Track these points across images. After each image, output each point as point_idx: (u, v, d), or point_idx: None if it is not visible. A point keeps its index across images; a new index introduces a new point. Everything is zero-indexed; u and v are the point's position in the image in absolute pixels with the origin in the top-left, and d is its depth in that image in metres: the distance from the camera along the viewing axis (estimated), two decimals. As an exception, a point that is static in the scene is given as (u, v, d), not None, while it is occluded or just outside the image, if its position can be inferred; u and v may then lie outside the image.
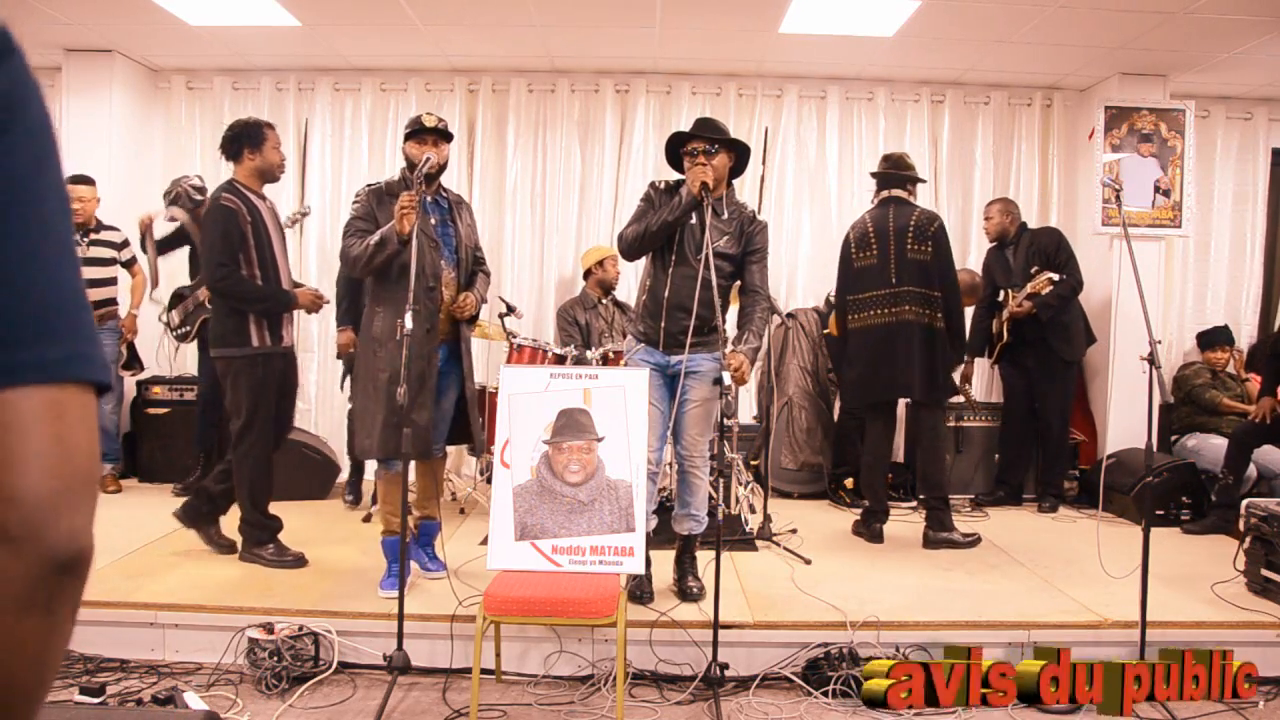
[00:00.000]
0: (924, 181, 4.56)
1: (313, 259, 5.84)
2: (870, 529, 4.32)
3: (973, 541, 4.20)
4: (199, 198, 4.77)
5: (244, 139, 3.70)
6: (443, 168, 3.41)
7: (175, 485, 5.02)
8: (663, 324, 3.32)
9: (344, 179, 5.81)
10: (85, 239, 4.91)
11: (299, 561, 3.70)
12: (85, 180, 4.92)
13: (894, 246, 4.14)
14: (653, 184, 3.46)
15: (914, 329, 4.12)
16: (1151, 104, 5.43)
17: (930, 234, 4.13)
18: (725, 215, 3.36)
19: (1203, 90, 5.76)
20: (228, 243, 3.56)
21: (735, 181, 3.57)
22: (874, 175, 4.37)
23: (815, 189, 5.92)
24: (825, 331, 5.22)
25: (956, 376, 4.59)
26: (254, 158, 3.71)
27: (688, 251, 3.30)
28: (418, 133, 3.38)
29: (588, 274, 5.26)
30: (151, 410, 5.26)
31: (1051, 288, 4.85)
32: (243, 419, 3.67)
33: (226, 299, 3.64)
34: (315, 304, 3.94)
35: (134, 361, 5.19)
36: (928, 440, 4.32)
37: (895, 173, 4.29)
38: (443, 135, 3.39)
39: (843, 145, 5.89)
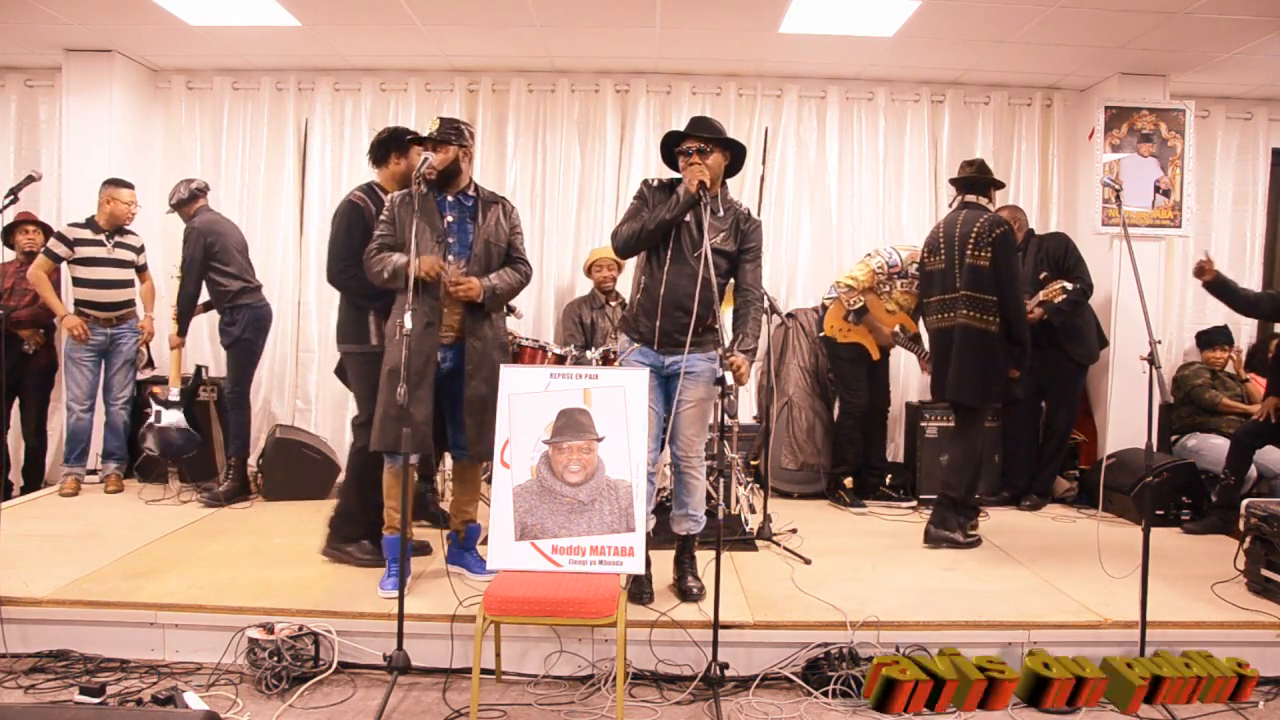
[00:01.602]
0: (1002, 185, 4.63)
1: (313, 259, 5.84)
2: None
3: (973, 542, 4.21)
4: (184, 194, 4.85)
5: (391, 145, 3.79)
6: (449, 169, 3.38)
7: (202, 495, 4.82)
8: (658, 323, 3.31)
9: (344, 179, 5.80)
10: (111, 240, 4.96)
11: (378, 560, 3.63)
12: (127, 184, 4.98)
13: (958, 252, 4.18)
14: (645, 182, 3.46)
15: (966, 333, 4.15)
16: (1151, 104, 5.44)
17: (990, 240, 4.09)
18: (721, 213, 3.36)
19: (1203, 90, 5.76)
20: (350, 239, 3.62)
21: (734, 182, 3.57)
22: (953, 182, 4.43)
23: (815, 189, 5.92)
24: (822, 334, 5.23)
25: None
26: (400, 162, 3.79)
27: (685, 250, 3.30)
28: (420, 140, 3.42)
29: (588, 271, 5.28)
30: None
31: (1065, 295, 4.87)
32: (363, 415, 3.71)
33: (344, 293, 3.74)
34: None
35: (150, 363, 5.27)
36: (958, 442, 4.41)
37: (979, 177, 4.30)
38: (440, 140, 3.36)
39: (843, 145, 5.89)
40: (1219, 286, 4.39)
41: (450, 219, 3.41)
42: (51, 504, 4.75)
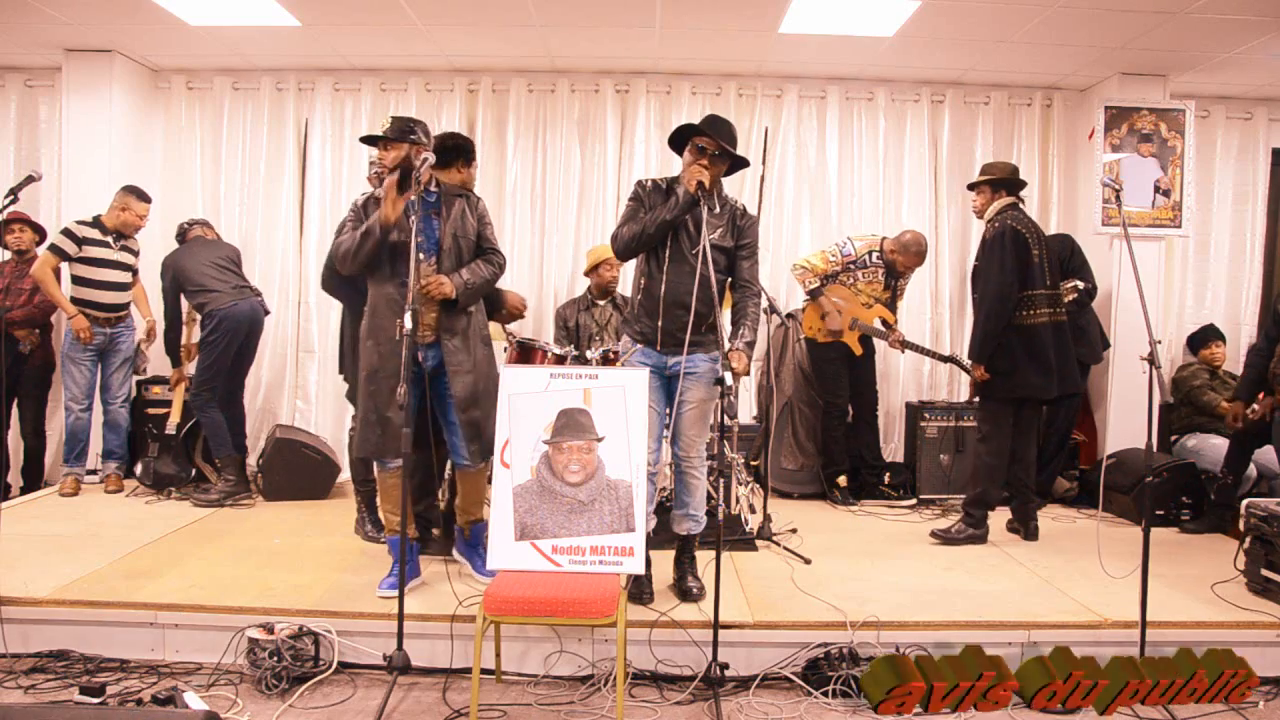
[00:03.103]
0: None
1: (313, 259, 5.84)
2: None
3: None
4: (177, 233, 5.13)
5: (464, 152, 3.84)
6: (405, 166, 3.32)
7: (196, 496, 4.79)
8: (660, 322, 3.31)
9: (344, 179, 5.80)
10: (118, 243, 4.98)
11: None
12: (147, 198, 5.04)
13: (1046, 249, 4.34)
14: (640, 183, 3.45)
15: (1066, 329, 4.38)
16: (1151, 104, 5.44)
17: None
18: (717, 210, 3.37)
19: (1203, 90, 5.76)
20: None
21: (735, 182, 3.57)
22: (1004, 180, 4.38)
23: (815, 189, 5.91)
24: (803, 336, 5.24)
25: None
26: (461, 172, 3.84)
27: (684, 248, 3.30)
28: (371, 140, 3.41)
29: (592, 271, 5.27)
30: (152, 410, 5.25)
31: (1076, 295, 4.87)
32: None
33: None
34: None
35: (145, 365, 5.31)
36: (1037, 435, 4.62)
37: (1019, 180, 4.45)
38: (389, 139, 3.34)
39: (843, 145, 5.89)
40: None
41: (414, 218, 3.38)
42: (51, 504, 4.75)
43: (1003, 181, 4.38)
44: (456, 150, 3.80)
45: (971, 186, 4.54)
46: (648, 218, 3.30)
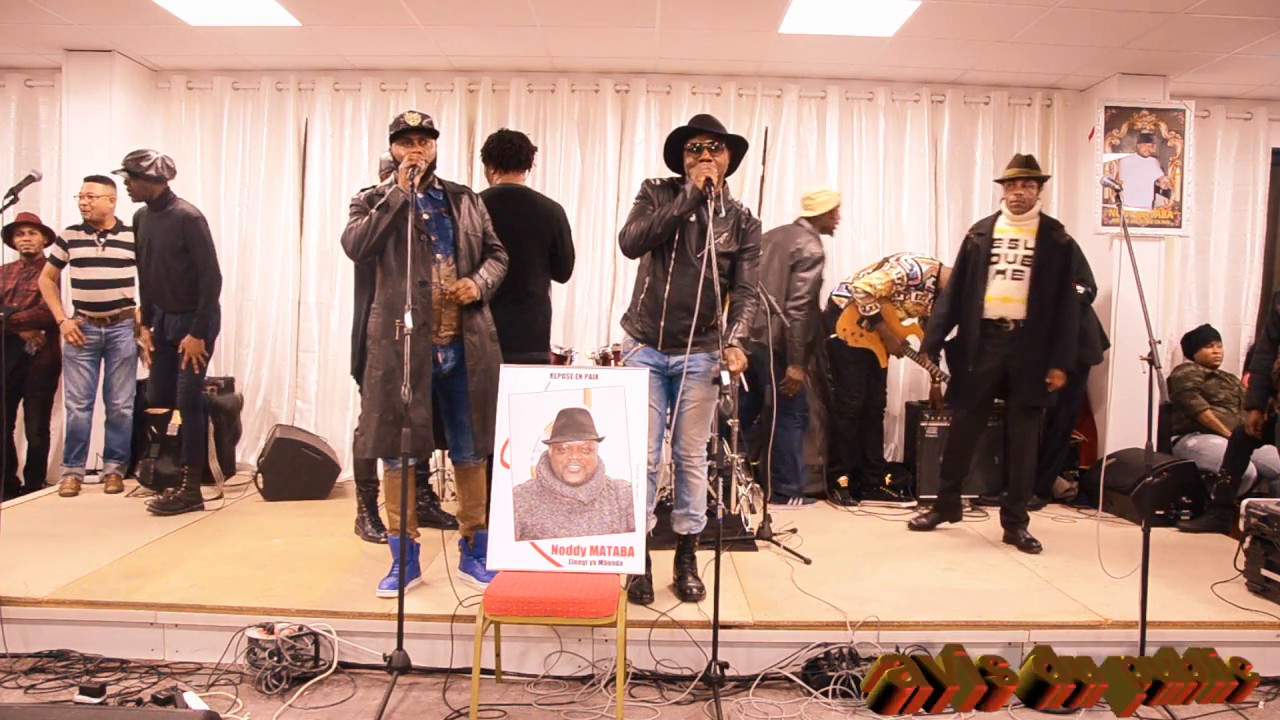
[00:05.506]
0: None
1: (313, 259, 5.84)
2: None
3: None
4: (134, 167, 4.37)
5: (529, 156, 4.11)
6: (432, 164, 3.35)
7: (150, 503, 4.57)
8: (663, 323, 3.31)
9: (344, 179, 5.80)
10: (102, 240, 4.93)
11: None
12: (100, 179, 4.93)
13: None
14: (648, 181, 3.45)
15: None
16: (1151, 104, 5.44)
17: None
18: (723, 213, 3.35)
19: (1203, 90, 5.76)
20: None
21: (734, 182, 3.56)
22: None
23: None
24: (832, 335, 5.22)
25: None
26: (514, 176, 4.01)
27: (689, 250, 3.30)
28: (402, 134, 3.31)
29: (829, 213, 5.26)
30: (152, 410, 5.24)
31: (1078, 299, 4.85)
32: None
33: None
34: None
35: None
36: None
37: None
38: (428, 133, 3.32)
39: (843, 145, 5.88)
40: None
41: (426, 215, 3.35)
42: (51, 504, 4.75)
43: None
44: (526, 153, 4.09)
45: (1033, 179, 4.21)
46: (655, 214, 3.29)
